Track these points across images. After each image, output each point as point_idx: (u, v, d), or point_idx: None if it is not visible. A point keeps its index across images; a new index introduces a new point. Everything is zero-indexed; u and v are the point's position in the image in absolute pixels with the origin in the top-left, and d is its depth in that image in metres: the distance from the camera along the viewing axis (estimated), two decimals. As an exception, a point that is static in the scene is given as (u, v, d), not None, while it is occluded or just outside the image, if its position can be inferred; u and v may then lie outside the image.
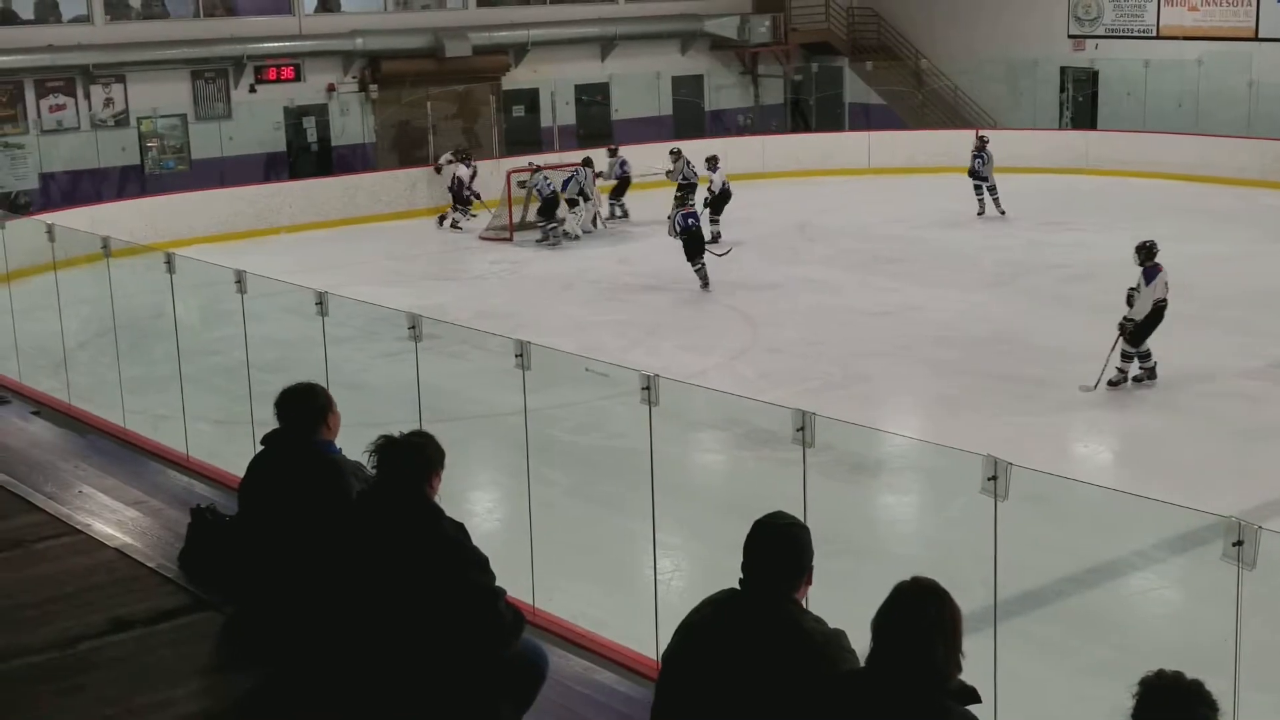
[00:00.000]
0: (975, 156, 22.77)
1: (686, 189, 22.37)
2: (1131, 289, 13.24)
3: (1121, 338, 13.14)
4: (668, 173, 22.95)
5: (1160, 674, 3.03)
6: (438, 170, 24.68)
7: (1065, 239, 21.12)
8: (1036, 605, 8.71)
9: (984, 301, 17.31)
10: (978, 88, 30.34)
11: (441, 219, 23.86)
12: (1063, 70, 29.35)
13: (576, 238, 22.28)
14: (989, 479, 5.89)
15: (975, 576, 6.20)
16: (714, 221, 21.14)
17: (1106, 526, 9.50)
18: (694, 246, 18.20)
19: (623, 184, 23.83)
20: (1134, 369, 13.21)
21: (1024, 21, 29.24)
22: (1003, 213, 22.64)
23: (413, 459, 4.26)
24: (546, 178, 22.26)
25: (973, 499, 6.05)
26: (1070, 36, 29.03)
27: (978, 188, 22.79)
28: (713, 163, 21.59)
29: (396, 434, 4.36)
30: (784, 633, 3.48)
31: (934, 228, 22.10)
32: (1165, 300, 13.17)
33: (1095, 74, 28.88)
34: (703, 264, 18.17)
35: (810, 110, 31.90)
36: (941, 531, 10.31)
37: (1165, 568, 9.52)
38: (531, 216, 22.74)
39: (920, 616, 3.20)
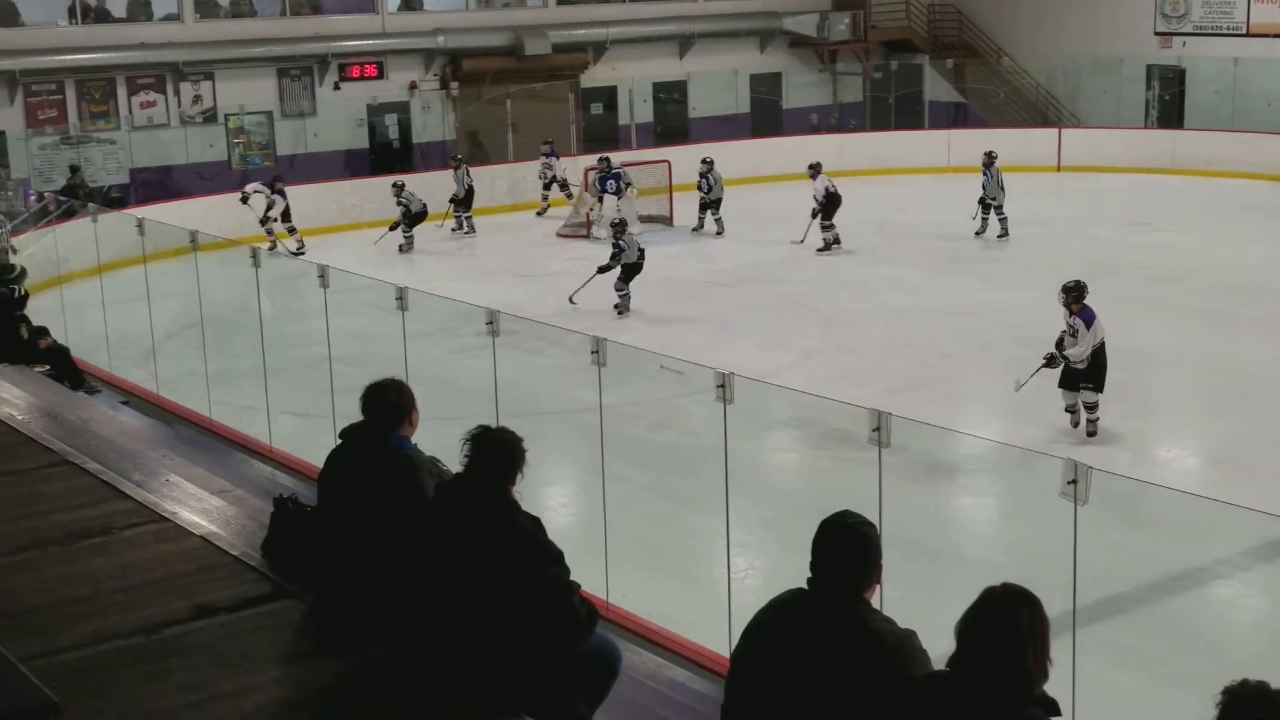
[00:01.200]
0: (983, 173, 21.18)
1: (713, 203, 22.10)
2: (1064, 332, 11.97)
3: (1088, 390, 11.87)
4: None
5: (1245, 683, 2.98)
6: (243, 200, 21.58)
7: (1150, 239, 20.81)
8: (1117, 612, 8.60)
9: (1065, 302, 17.08)
10: (1061, 85, 29.97)
11: (271, 246, 21.09)
12: (1149, 68, 28.89)
13: (599, 239, 22.23)
14: (1069, 483, 5.83)
15: (1054, 581, 6.14)
16: (827, 228, 20.62)
17: (1190, 533, 9.36)
18: (634, 272, 17.26)
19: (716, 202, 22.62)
20: (1096, 414, 11.92)
21: (1109, 18, 28.83)
22: (1001, 235, 21.09)
23: (502, 453, 4.33)
24: (410, 193, 21.61)
25: (1053, 503, 5.99)
26: (1157, 34, 28.57)
27: (987, 207, 21.19)
28: (815, 170, 20.94)
29: (492, 427, 4.43)
30: (852, 632, 3.47)
31: (1015, 226, 21.82)
32: (1103, 340, 11.95)
33: (1182, 72, 28.41)
34: (628, 292, 17.19)
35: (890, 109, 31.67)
36: (1020, 535, 10.21)
37: (1251, 575, 9.36)
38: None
39: (1013, 623, 3.18)
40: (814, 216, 20.75)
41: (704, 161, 22.35)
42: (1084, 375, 11.88)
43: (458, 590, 4.25)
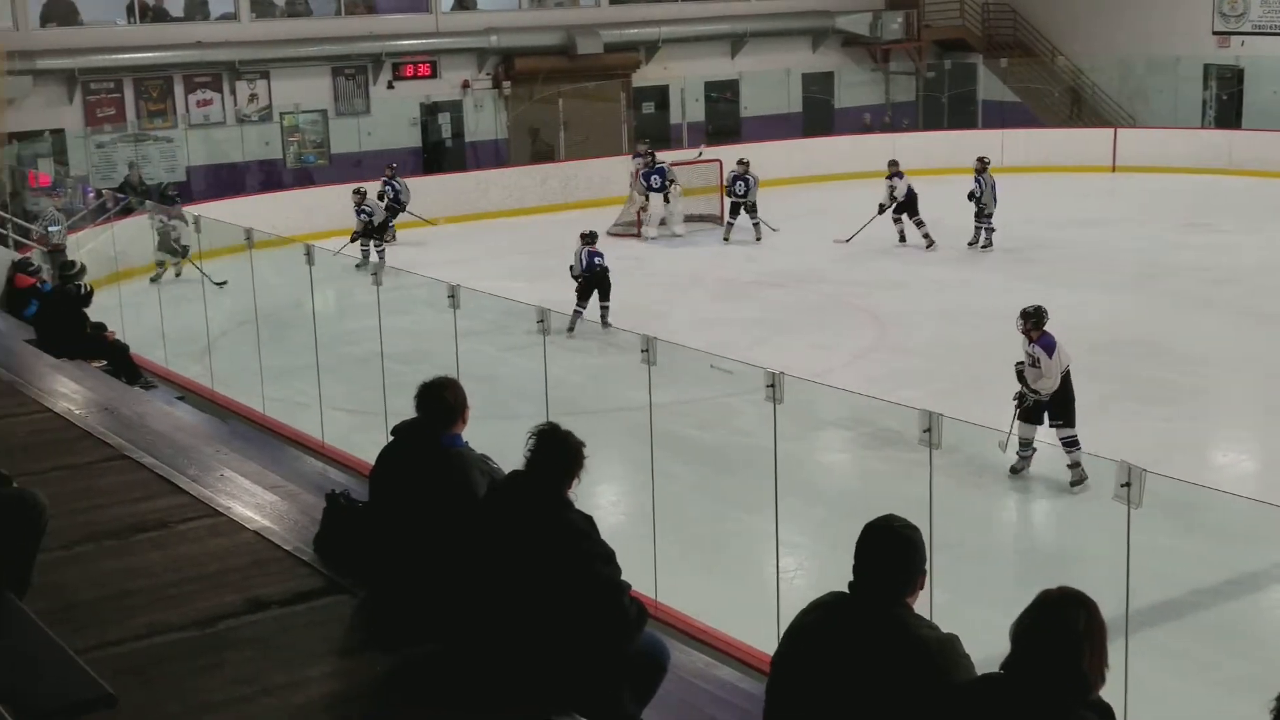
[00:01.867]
0: (975, 182, 20.37)
1: (751, 207, 21.68)
2: (1020, 364, 11.01)
3: (1058, 428, 10.73)
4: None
5: (1299, 689, 2.96)
6: (163, 234, 18.90)
7: (1207, 240, 20.58)
8: (1171, 616, 8.52)
9: (1121, 304, 16.94)
10: (1117, 85, 29.69)
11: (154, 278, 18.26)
12: (1206, 67, 28.54)
13: (650, 238, 22.07)
14: (1122, 485, 5.79)
15: (1107, 585, 6.09)
16: (919, 223, 20.71)
17: (1246, 537, 9.26)
18: (592, 288, 16.22)
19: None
20: (1077, 455, 10.55)
21: (1166, 17, 28.50)
22: (985, 245, 20.35)
23: (565, 454, 4.37)
24: (372, 202, 20.84)
25: (1106, 506, 5.94)
26: (1215, 33, 28.22)
27: (978, 216, 20.45)
28: (897, 168, 20.99)
29: (559, 426, 4.47)
30: (893, 637, 3.46)
31: (1069, 227, 21.68)
32: (1068, 368, 10.93)
33: (1241, 71, 28.05)
34: (581, 312, 16.03)
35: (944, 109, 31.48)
36: (1073, 538, 10.13)
37: (1307, 581, 9.25)
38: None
39: (1070, 627, 3.17)
40: (880, 212, 20.82)
41: (740, 163, 22.02)
42: (1050, 409, 10.71)
43: (509, 586, 4.27)
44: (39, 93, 23.21)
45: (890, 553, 3.55)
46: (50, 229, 17.90)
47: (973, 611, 7.08)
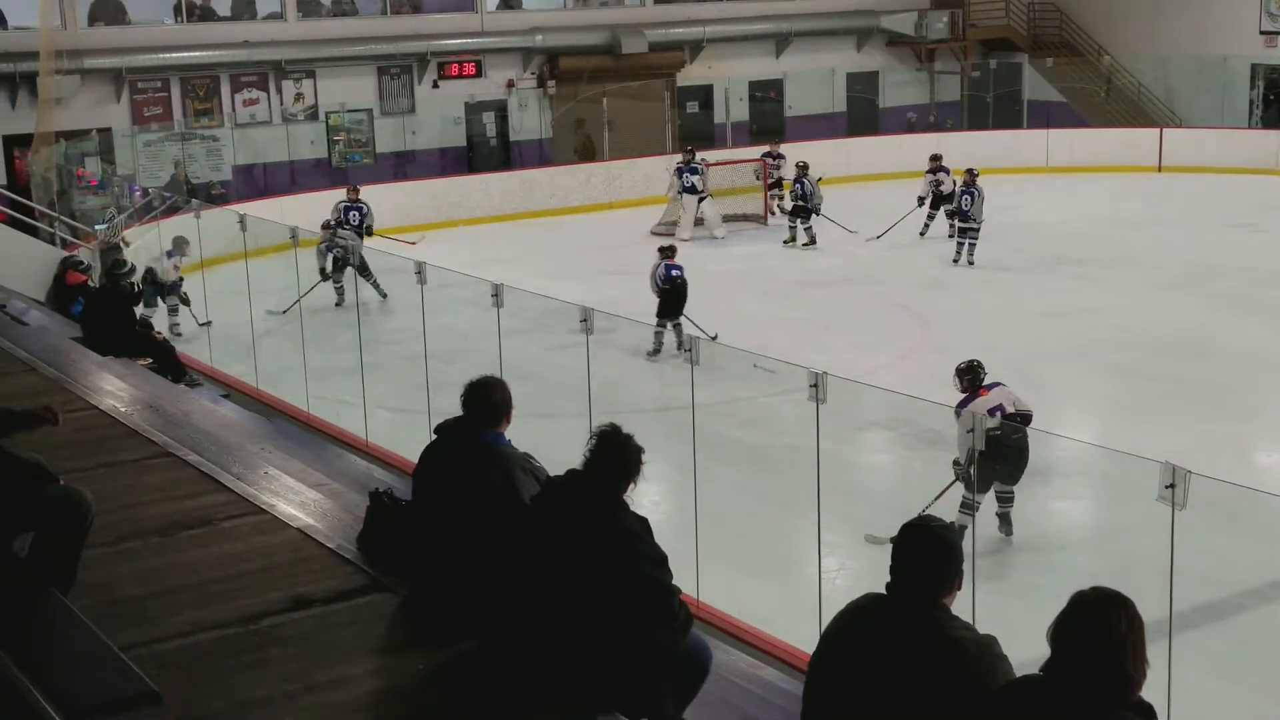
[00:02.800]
0: (964, 193, 19.43)
1: (806, 212, 21.25)
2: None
3: (958, 482, 9.39)
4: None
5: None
6: (154, 280, 16.28)
7: (1253, 241, 20.36)
8: (1215, 618, 8.44)
9: (1166, 304, 16.80)
10: (1163, 84, 29.41)
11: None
12: (1254, 67, 28.23)
13: (684, 239, 21.91)
14: (1167, 486, 5.75)
15: (1151, 586, 6.05)
16: (950, 214, 20.54)
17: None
18: (674, 303, 15.22)
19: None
20: (964, 519, 8.84)
21: (1213, 17, 28.20)
22: (971, 263, 19.32)
23: (626, 457, 4.37)
24: (341, 240, 18.08)
25: (1150, 507, 5.90)
26: (1262, 33, 27.90)
27: (963, 230, 19.37)
28: (936, 161, 21.15)
29: (620, 428, 4.46)
30: (930, 639, 3.45)
31: (1114, 227, 21.51)
32: (1000, 427, 9.23)
33: (1289, 71, 27.76)
34: (678, 323, 15.09)
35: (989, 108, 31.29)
36: (1116, 540, 10.05)
37: (1355, 585, 9.13)
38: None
39: (1110, 627, 3.15)
40: (919, 205, 20.93)
41: (798, 166, 21.70)
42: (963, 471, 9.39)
43: (559, 584, 4.28)
44: (87, 92, 23.45)
45: (927, 554, 3.54)
46: (97, 227, 18.07)
47: (1018, 612, 7.04)
